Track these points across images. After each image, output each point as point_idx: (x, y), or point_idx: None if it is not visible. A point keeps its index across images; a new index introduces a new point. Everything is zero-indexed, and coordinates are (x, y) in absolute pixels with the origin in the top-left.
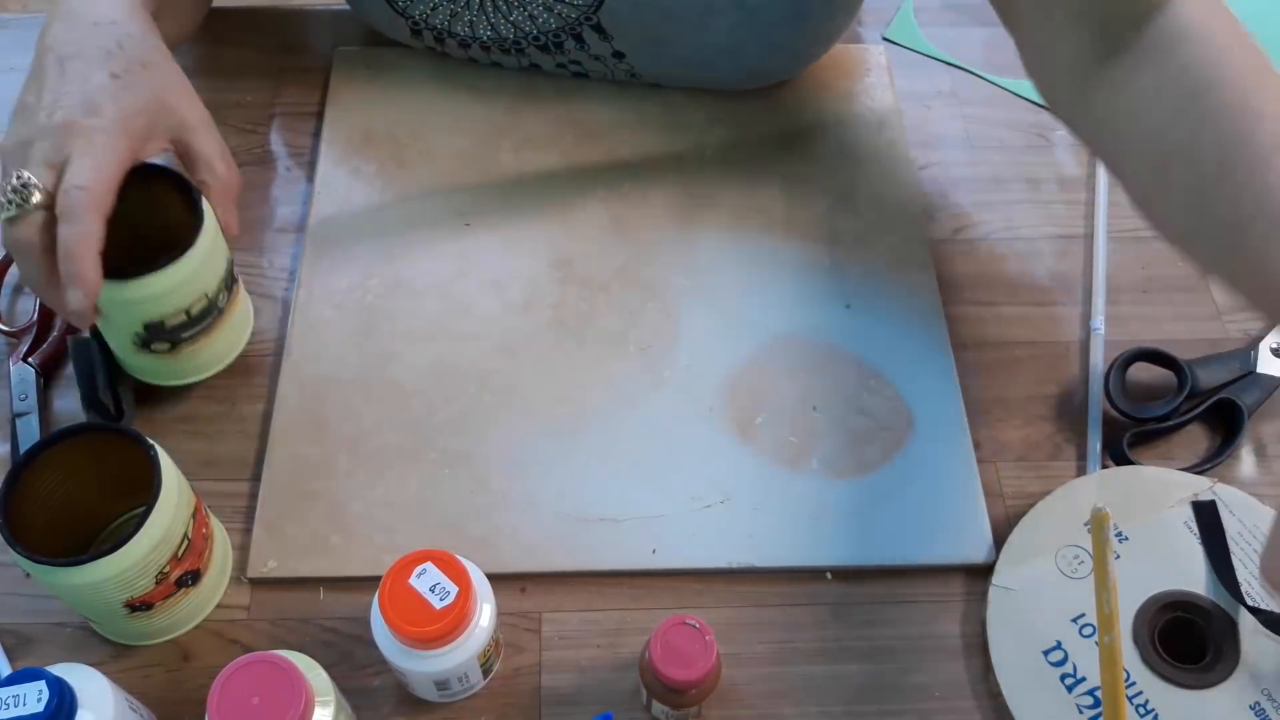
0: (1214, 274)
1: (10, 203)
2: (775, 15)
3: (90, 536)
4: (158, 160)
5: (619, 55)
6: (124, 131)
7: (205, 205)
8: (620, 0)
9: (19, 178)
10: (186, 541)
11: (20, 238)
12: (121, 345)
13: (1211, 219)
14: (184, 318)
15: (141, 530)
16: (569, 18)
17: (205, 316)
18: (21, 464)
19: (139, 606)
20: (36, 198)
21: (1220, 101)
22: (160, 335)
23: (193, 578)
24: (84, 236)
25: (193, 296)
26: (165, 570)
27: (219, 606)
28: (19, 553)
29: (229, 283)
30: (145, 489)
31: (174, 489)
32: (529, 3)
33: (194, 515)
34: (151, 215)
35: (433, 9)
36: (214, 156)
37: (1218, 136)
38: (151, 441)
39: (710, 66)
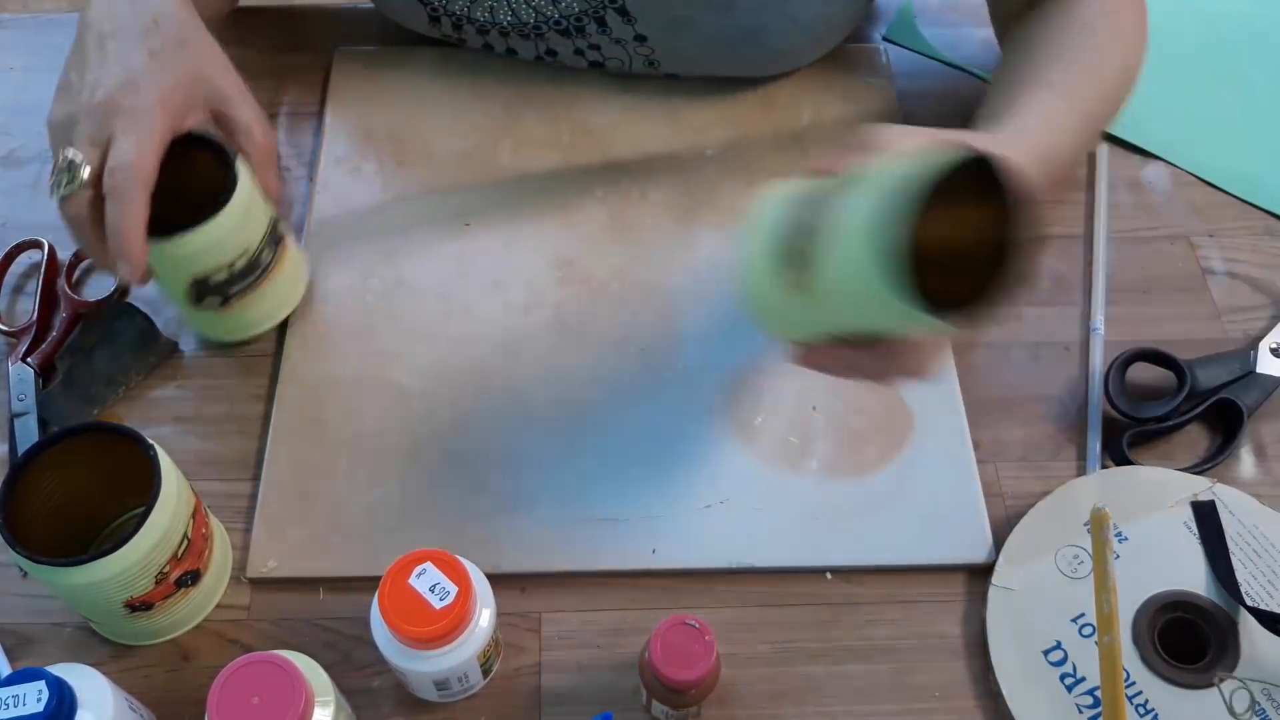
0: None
1: (61, 182)
2: None
3: (90, 536)
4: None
5: (640, 39)
6: (163, 108)
7: (241, 166)
8: None
9: (66, 156)
10: (186, 541)
11: (72, 214)
12: (178, 301)
13: (996, 86)
14: (227, 273)
15: (141, 530)
16: (592, 0)
17: (250, 272)
18: (21, 464)
19: (139, 606)
20: (84, 175)
21: (1044, 55)
22: (208, 290)
23: (192, 578)
24: (130, 214)
25: (234, 252)
26: (165, 570)
27: (219, 606)
28: (19, 552)
29: (273, 240)
30: (145, 489)
31: (174, 489)
32: None
33: (194, 515)
34: (192, 181)
35: None
36: (252, 123)
37: (1025, 67)
38: (151, 441)
39: (732, 50)
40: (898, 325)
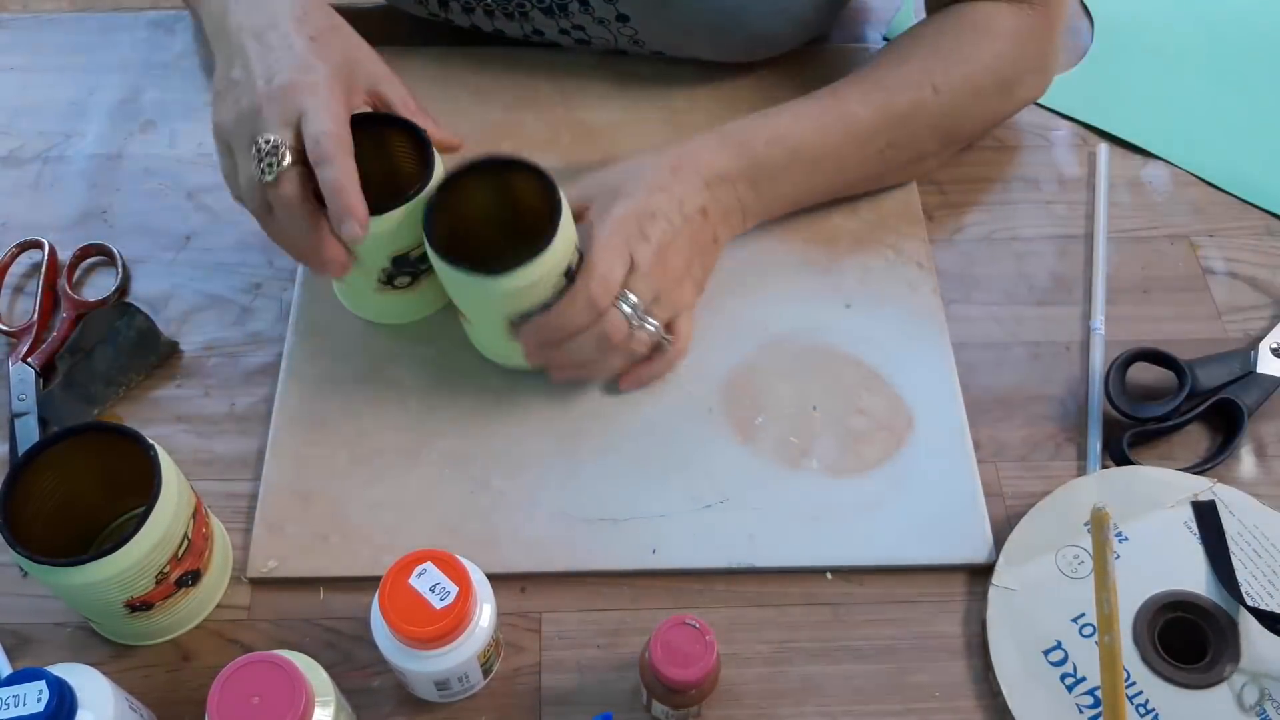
0: None
1: (268, 165)
2: None
3: (90, 536)
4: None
5: (623, 18)
6: (339, 82)
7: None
8: None
9: (266, 141)
10: (186, 541)
11: (284, 194)
12: (365, 286)
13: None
14: (424, 249)
15: (141, 530)
16: None
17: None
18: (21, 464)
19: (139, 606)
20: (288, 157)
21: (886, 71)
22: (405, 267)
23: (193, 578)
24: (345, 173)
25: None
26: (165, 570)
27: (219, 606)
28: (19, 552)
29: None
30: (145, 489)
31: (174, 489)
32: None
33: (194, 515)
34: (379, 160)
35: None
36: (407, 99)
37: (863, 81)
38: (152, 441)
39: (714, 30)
40: (464, 292)
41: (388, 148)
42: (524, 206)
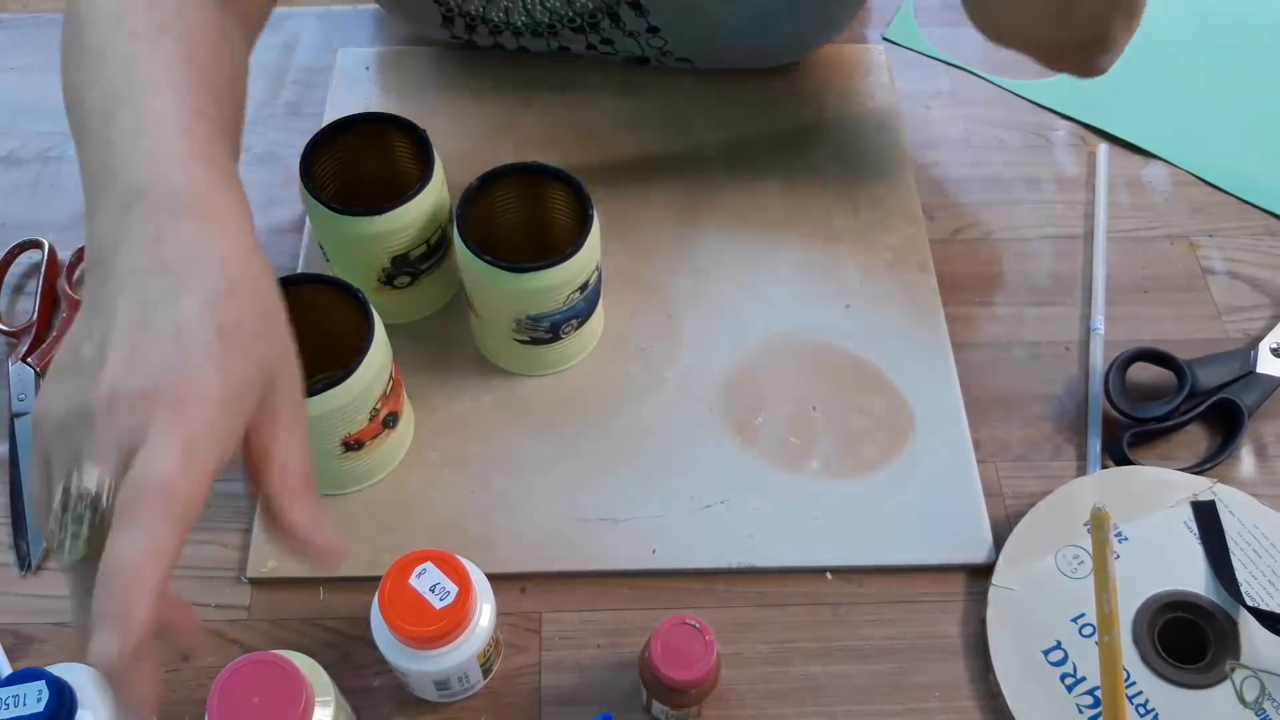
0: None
1: (73, 533)
2: None
3: None
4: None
5: (653, 30)
6: (233, 415)
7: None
8: None
9: (76, 488)
10: (390, 381)
11: (79, 591)
12: (365, 287)
13: None
14: (425, 248)
15: (364, 360)
16: None
17: (440, 246)
18: None
19: (352, 445)
20: (97, 519)
21: None
22: (404, 268)
23: (393, 419)
24: (149, 551)
25: (431, 228)
26: (377, 407)
27: (218, 606)
28: None
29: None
30: (338, 349)
31: (380, 327)
32: None
33: (391, 359)
34: (379, 160)
35: None
36: (295, 458)
37: None
38: (357, 286)
39: (741, 36)
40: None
41: (387, 147)
42: (553, 216)
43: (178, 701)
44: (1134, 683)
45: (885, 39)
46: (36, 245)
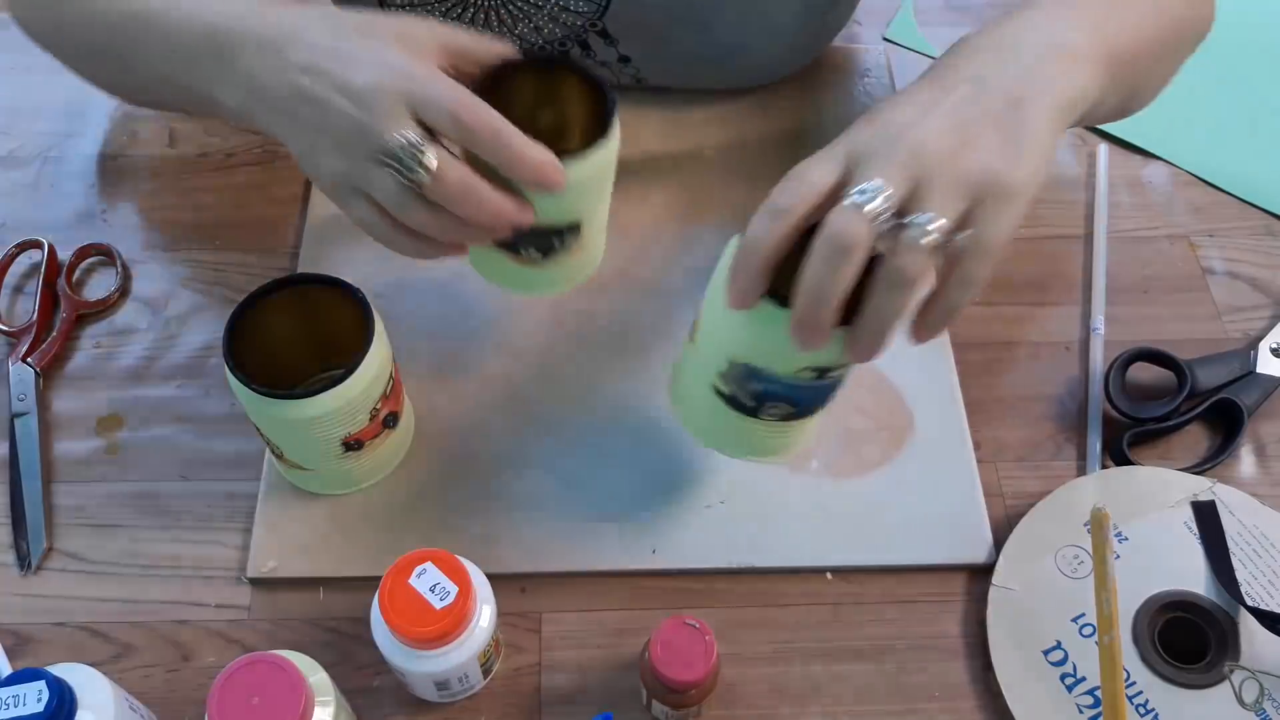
0: None
1: (414, 165)
2: (778, 7)
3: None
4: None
5: (624, 59)
6: (411, 47)
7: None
8: (625, 3)
9: (399, 144)
10: (391, 380)
11: (452, 178)
12: (492, 254)
13: None
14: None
15: (364, 361)
16: (574, 26)
17: (576, 227)
18: (238, 313)
19: (352, 445)
20: (428, 146)
21: None
22: (534, 240)
23: (393, 419)
24: (510, 131)
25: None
26: (377, 407)
27: (218, 606)
28: (253, 388)
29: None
30: (340, 347)
31: (381, 328)
32: (534, 15)
33: (392, 359)
34: (549, 109)
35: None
36: (479, 38)
37: None
38: (356, 286)
39: (715, 64)
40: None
41: (560, 95)
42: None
43: (178, 701)
44: (1134, 683)
45: (885, 39)
46: (36, 245)
